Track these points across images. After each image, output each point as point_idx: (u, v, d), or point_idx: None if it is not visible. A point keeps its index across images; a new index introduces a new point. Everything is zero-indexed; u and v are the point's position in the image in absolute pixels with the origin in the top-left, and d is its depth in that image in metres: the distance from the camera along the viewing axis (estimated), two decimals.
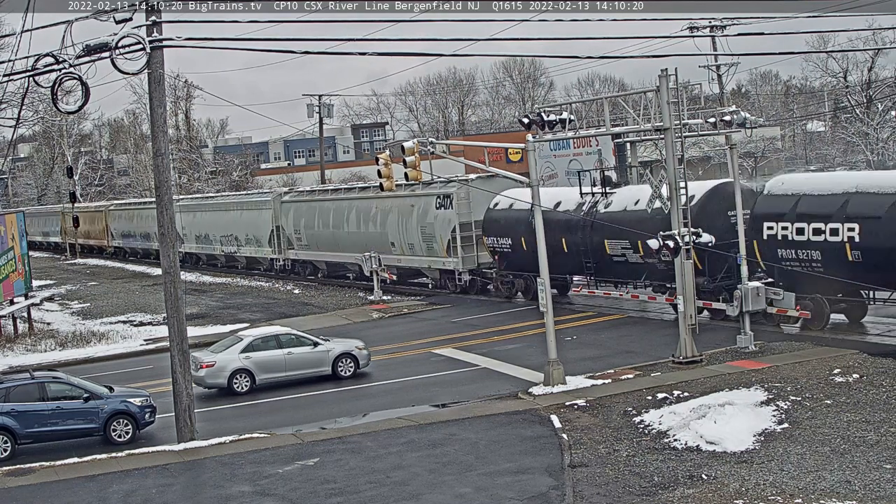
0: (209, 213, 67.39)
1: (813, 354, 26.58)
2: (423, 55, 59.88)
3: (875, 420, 20.18)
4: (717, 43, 54.75)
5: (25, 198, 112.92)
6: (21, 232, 43.76)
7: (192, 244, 69.56)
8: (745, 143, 70.34)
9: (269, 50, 29.66)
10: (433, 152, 28.37)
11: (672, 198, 27.65)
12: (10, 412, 24.12)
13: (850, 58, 74.37)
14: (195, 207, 69.13)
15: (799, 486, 17.01)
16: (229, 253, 65.14)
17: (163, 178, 23.94)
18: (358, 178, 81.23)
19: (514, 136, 68.58)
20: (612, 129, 31.59)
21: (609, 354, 29.72)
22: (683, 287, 27.55)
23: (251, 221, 61.89)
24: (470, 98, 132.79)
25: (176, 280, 23.89)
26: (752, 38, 43.46)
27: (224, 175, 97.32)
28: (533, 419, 23.23)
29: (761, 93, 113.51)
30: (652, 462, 19.17)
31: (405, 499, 18.36)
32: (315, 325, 38.34)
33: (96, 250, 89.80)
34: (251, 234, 61.24)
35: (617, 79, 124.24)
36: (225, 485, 20.23)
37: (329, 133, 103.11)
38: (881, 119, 69.40)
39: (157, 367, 31.78)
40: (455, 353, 32.31)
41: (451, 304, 42.75)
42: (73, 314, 48.90)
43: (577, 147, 64.12)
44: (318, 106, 74.98)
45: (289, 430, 24.28)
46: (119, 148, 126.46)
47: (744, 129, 29.94)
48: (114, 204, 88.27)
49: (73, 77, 21.68)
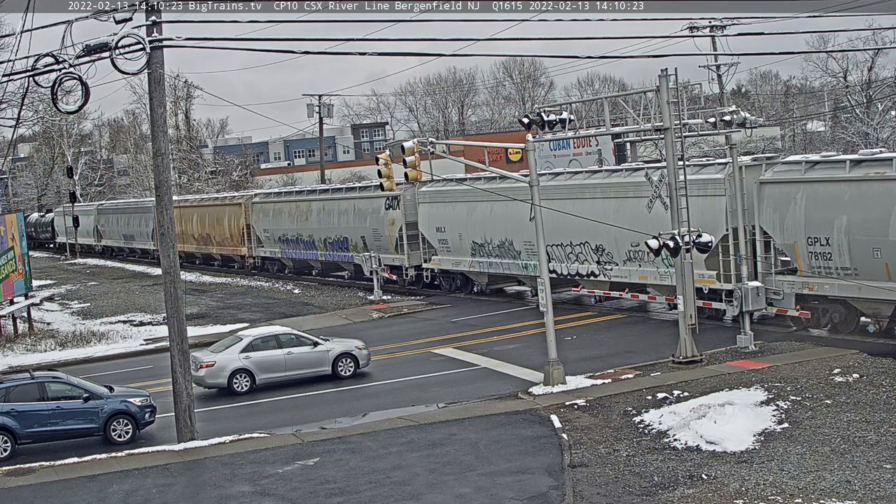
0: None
1: (813, 354, 26.58)
2: (423, 55, 60.07)
3: (875, 420, 20.18)
4: (717, 43, 54.66)
5: (25, 198, 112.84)
6: (21, 232, 43.79)
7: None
8: (745, 142, 70.26)
9: (269, 50, 29.71)
10: (433, 152, 28.39)
11: (672, 198, 27.65)
12: (10, 412, 24.12)
13: (850, 58, 74.50)
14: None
15: (799, 486, 17.02)
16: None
17: (163, 178, 23.94)
18: (358, 178, 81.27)
19: (514, 136, 68.61)
20: (612, 129, 31.64)
21: (609, 354, 29.72)
22: (683, 287, 27.54)
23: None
24: (470, 98, 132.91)
25: (176, 280, 23.89)
26: (752, 38, 43.50)
27: (224, 175, 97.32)
28: (533, 419, 23.23)
29: (761, 93, 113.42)
30: (652, 462, 19.17)
31: (405, 499, 18.36)
32: (315, 325, 38.34)
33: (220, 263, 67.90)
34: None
35: (617, 79, 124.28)
36: (225, 485, 20.23)
37: (329, 133, 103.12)
38: (881, 119, 69.39)
39: (157, 367, 31.78)
40: (455, 352, 32.31)
41: (451, 303, 42.76)
42: (73, 314, 48.90)
43: (577, 147, 64.13)
44: (318, 106, 74.96)
45: (289, 430, 24.28)
46: (119, 148, 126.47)
47: (744, 129, 29.90)
48: (259, 194, 64.35)
49: (73, 77, 21.68)
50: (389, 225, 47.43)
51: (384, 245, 47.89)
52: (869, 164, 27.30)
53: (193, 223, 69.17)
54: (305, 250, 55.84)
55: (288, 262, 58.83)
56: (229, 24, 25.82)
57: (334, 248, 52.72)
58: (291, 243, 56.97)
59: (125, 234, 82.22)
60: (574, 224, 34.20)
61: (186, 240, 68.98)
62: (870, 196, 26.79)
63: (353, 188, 53.86)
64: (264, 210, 59.99)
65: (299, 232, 55.72)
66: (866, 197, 26.88)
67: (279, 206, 58.55)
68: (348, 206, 51.42)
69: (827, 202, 27.94)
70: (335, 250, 52.79)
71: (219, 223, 65.62)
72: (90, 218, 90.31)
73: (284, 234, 57.53)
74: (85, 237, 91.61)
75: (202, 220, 68.21)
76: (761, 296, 28.38)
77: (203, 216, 68.14)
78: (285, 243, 57.68)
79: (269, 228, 59.33)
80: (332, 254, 53.23)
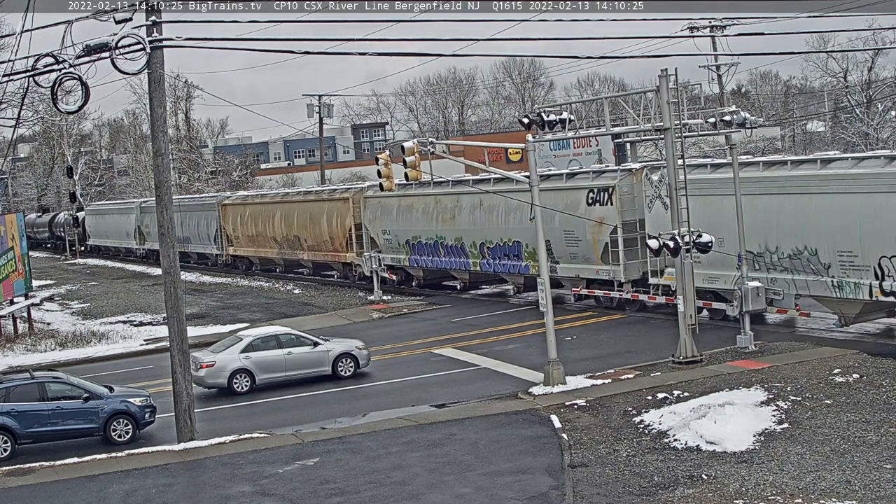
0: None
1: (813, 354, 26.58)
2: (423, 55, 60.06)
3: (875, 420, 20.18)
4: (717, 43, 54.73)
5: (25, 198, 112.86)
6: (21, 232, 43.81)
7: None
8: (745, 143, 70.29)
9: (269, 50, 29.71)
10: (433, 152, 28.38)
11: (672, 198, 27.66)
12: (10, 412, 24.12)
13: (850, 58, 74.54)
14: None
15: (799, 486, 17.01)
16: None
17: (163, 178, 23.94)
18: (358, 178, 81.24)
19: (514, 136, 68.66)
20: (612, 129, 31.63)
21: (609, 354, 29.72)
22: (683, 287, 27.54)
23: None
24: (470, 98, 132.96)
25: (176, 280, 23.90)
26: (752, 38, 43.53)
27: (224, 175, 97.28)
28: (533, 419, 23.23)
29: (761, 93, 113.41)
30: (652, 462, 19.17)
31: (405, 499, 18.36)
32: (315, 325, 38.34)
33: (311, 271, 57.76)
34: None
35: (617, 79, 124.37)
36: (225, 485, 20.23)
37: (329, 133, 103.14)
38: (881, 119, 69.38)
39: (157, 367, 31.78)
40: (455, 352, 32.31)
41: (451, 304, 42.76)
42: (73, 314, 48.92)
43: (577, 147, 64.22)
44: (318, 106, 75.02)
45: (289, 430, 24.28)
46: (119, 148, 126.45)
47: (744, 129, 29.90)
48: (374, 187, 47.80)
49: (73, 77, 21.68)
50: (596, 226, 36.00)
51: (583, 252, 36.92)
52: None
53: (275, 223, 58.04)
54: (448, 257, 44.43)
55: (417, 272, 47.75)
56: (229, 24, 25.82)
57: (496, 255, 41.45)
58: (425, 248, 45.78)
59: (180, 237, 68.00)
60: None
61: (263, 243, 59.65)
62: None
63: (545, 176, 37.56)
64: (384, 206, 48.18)
65: (440, 234, 44.66)
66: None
67: (408, 200, 46.48)
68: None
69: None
70: (497, 258, 41.42)
71: (314, 223, 53.93)
72: (129, 217, 78.58)
73: (416, 237, 46.22)
74: (117, 239, 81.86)
75: (288, 220, 56.74)
76: (761, 296, 28.39)
77: (290, 214, 56.60)
78: (416, 248, 46.39)
79: (392, 229, 47.65)
80: (493, 262, 41.72)
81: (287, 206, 57.40)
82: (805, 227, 28.97)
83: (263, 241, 59.46)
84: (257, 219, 59.73)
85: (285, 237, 57.14)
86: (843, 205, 27.72)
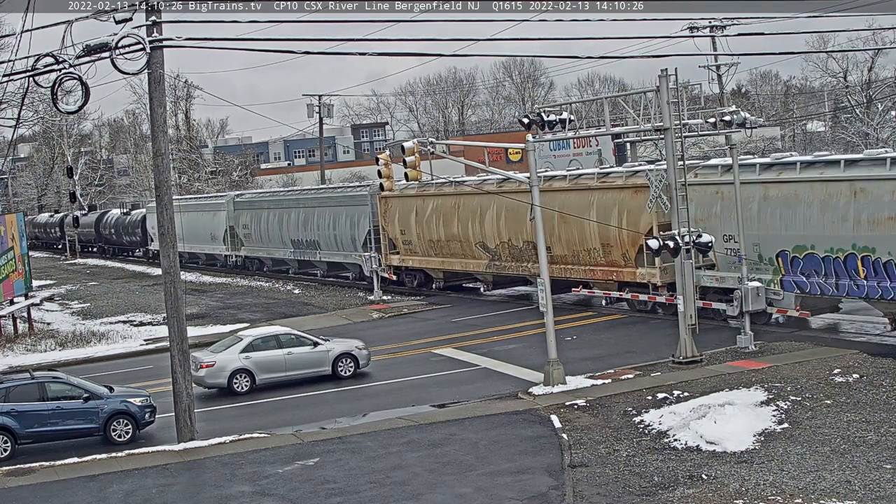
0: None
1: (813, 354, 26.59)
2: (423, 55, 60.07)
3: (875, 420, 20.19)
4: (717, 43, 54.78)
5: (25, 198, 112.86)
6: (21, 232, 43.81)
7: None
8: (745, 143, 70.33)
9: (269, 50, 29.69)
10: (433, 152, 28.40)
11: (672, 197, 27.66)
12: (10, 412, 24.12)
13: (850, 58, 74.53)
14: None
15: (799, 486, 17.01)
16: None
17: (163, 178, 23.95)
18: (358, 178, 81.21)
19: (514, 136, 68.57)
20: (612, 129, 31.62)
21: (609, 354, 29.72)
22: (683, 287, 27.55)
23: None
24: (470, 98, 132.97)
25: (176, 280, 23.89)
26: (752, 38, 43.51)
27: (224, 175, 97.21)
28: (533, 419, 23.23)
29: (761, 93, 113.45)
30: (652, 462, 19.17)
31: (405, 499, 18.36)
32: (315, 325, 38.35)
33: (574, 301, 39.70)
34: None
35: (617, 79, 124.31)
36: (225, 485, 20.23)
37: (329, 133, 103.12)
38: (881, 119, 69.37)
39: (157, 367, 31.78)
40: (455, 353, 32.31)
41: (451, 304, 42.75)
42: (73, 314, 48.93)
43: (576, 147, 64.16)
44: (318, 106, 74.98)
45: (289, 430, 24.28)
46: (119, 148, 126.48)
47: (744, 129, 29.92)
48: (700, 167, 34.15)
49: (73, 77, 21.68)
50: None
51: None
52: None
53: (487, 221, 40.93)
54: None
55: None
56: (229, 24, 25.78)
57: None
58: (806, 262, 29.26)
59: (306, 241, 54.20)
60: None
61: (459, 250, 43.04)
62: None
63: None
64: (723, 194, 31.25)
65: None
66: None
67: (790, 188, 29.63)
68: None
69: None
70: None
71: (566, 225, 36.66)
72: (218, 216, 63.46)
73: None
74: (202, 244, 66.52)
75: (498, 216, 40.39)
76: (761, 296, 28.41)
77: (498, 211, 40.19)
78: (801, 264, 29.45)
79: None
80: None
81: (492, 199, 40.09)
82: None
83: (458, 249, 43.10)
84: (447, 216, 43.09)
85: (503, 242, 40.28)
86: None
